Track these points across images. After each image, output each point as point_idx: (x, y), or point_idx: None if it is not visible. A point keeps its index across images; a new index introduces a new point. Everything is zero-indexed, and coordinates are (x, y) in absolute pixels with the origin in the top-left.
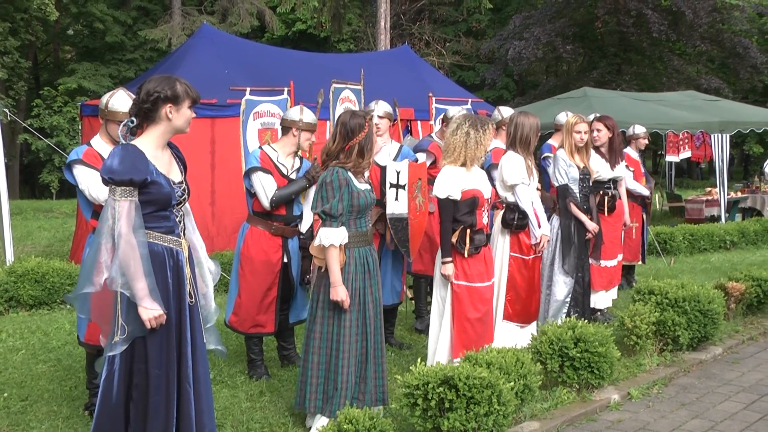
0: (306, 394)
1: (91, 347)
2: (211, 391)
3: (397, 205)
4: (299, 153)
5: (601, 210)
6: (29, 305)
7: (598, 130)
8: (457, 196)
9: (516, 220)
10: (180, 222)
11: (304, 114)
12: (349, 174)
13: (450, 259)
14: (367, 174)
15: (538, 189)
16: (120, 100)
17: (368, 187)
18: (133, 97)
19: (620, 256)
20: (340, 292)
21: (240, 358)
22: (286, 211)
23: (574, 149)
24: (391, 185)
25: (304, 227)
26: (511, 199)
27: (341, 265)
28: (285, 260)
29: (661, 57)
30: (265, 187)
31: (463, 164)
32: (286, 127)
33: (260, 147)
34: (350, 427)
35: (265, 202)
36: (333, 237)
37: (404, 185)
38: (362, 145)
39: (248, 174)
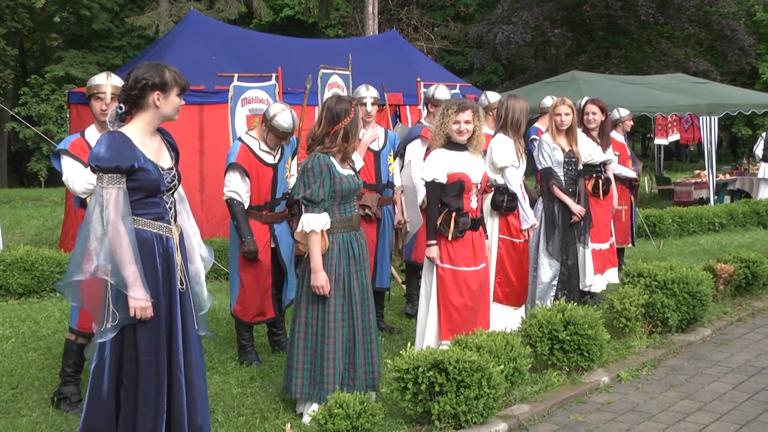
0: (292, 379)
1: (82, 335)
2: (206, 379)
3: None
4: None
5: (597, 194)
6: (19, 294)
7: (593, 113)
8: (443, 180)
9: (505, 203)
10: (170, 208)
11: (278, 117)
12: (332, 159)
13: (434, 241)
14: (361, 163)
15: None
16: (100, 76)
17: (352, 172)
18: (113, 76)
19: (612, 239)
20: (320, 278)
21: (230, 344)
22: (271, 197)
23: (556, 132)
24: None
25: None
26: (500, 181)
27: (324, 251)
28: (273, 245)
29: (650, 40)
30: (233, 186)
31: (450, 146)
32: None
33: (240, 139)
34: (341, 412)
35: (225, 196)
36: (314, 223)
37: None
38: (347, 130)
39: (226, 169)
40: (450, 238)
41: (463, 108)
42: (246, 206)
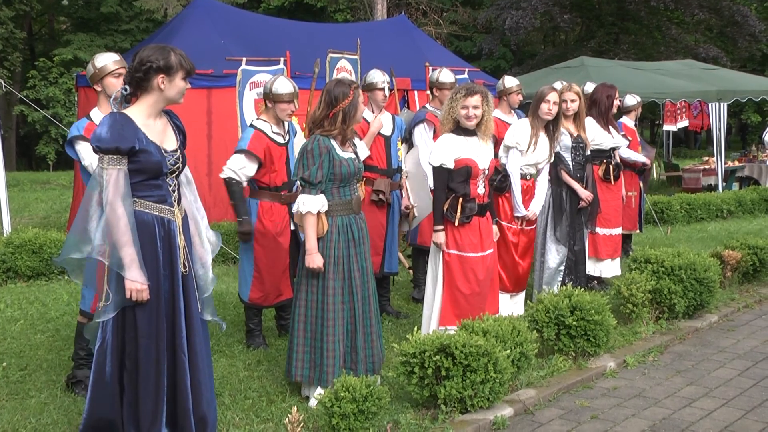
0: (292, 362)
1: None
2: (211, 362)
3: None
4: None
5: (608, 179)
6: (27, 276)
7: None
8: (451, 165)
9: (497, 181)
10: (174, 191)
11: (276, 85)
12: (333, 142)
13: (441, 227)
14: (366, 152)
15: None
16: (103, 56)
17: (353, 155)
18: (113, 54)
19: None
20: (315, 260)
21: (238, 328)
22: (288, 177)
23: (563, 117)
24: None
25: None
26: (503, 160)
27: (322, 234)
28: (292, 227)
29: (659, 26)
30: (240, 170)
31: (460, 131)
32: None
33: (252, 125)
34: (347, 395)
35: (224, 174)
36: (310, 204)
37: None
38: (346, 112)
39: (234, 152)
40: (457, 223)
41: (472, 93)
42: (244, 185)
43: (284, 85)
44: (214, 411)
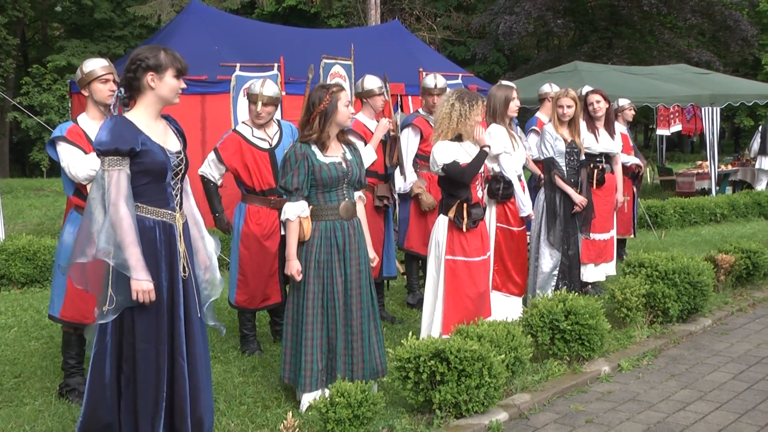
0: (282, 364)
1: (68, 324)
2: (209, 365)
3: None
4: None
5: (590, 183)
6: (21, 283)
7: (597, 102)
8: (463, 161)
9: (501, 190)
10: (176, 195)
11: (251, 87)
12: (313, 148)
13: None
14: (374, 156)
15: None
16: (92, 61)
17: (337, 160)
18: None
19: (613, 231)
20: (291, 266)
21: (232, 333)
22: (276, 182)
23: (558, 122)
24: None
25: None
26: (497, 169)
27: (304, 239)
28: (282, 232)
29: (652, 30)
30: (212, 172)
31: (453, 138)
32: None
33: (234, 129)
34: (342, 400)
35: (199, 171)
36: (289, 211)
37: None
38: (323, 115)
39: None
40: (465, 229)
41: (483, 100)
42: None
43: (255, 87)
44: (211, 414)
